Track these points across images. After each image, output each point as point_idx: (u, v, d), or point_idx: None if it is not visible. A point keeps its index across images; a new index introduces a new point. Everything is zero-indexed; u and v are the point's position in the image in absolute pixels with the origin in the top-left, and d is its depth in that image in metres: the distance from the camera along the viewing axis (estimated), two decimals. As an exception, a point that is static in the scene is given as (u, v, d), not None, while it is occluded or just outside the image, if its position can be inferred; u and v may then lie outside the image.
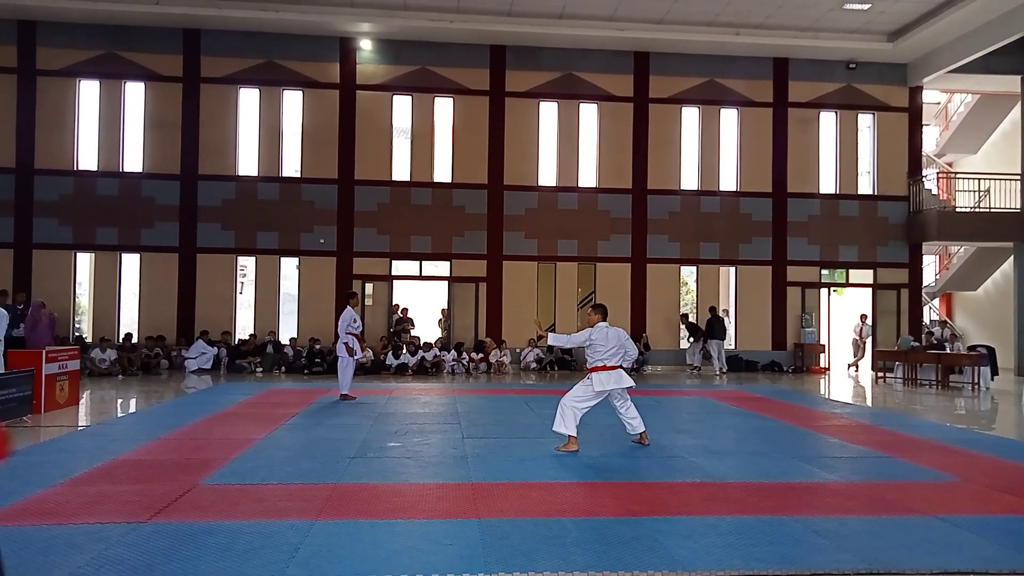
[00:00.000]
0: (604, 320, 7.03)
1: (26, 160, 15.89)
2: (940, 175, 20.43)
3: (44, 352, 9.27)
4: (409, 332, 16.53)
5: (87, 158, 16.27)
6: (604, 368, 6.83)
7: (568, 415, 6.74)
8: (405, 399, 10.99)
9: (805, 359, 17.45)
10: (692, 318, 17.48)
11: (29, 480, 5.51)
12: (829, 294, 18.42)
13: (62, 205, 15.96)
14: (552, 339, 7.07)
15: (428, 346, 16.09)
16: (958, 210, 18.46)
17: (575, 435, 6.75)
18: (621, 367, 6.93)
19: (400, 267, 17.12)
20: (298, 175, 16.78)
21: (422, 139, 17.05)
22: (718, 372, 16.50)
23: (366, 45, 16.69)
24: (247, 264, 17.15)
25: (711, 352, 16.69)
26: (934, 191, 18.84)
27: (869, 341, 18.12)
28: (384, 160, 16.88)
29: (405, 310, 16.94)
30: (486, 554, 4.01)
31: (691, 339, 17.02)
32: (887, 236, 17.95)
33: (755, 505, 5.12)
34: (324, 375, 14.43)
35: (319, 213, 16.60)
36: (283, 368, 15.51)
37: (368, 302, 16.91)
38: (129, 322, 16.26)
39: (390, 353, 15.71)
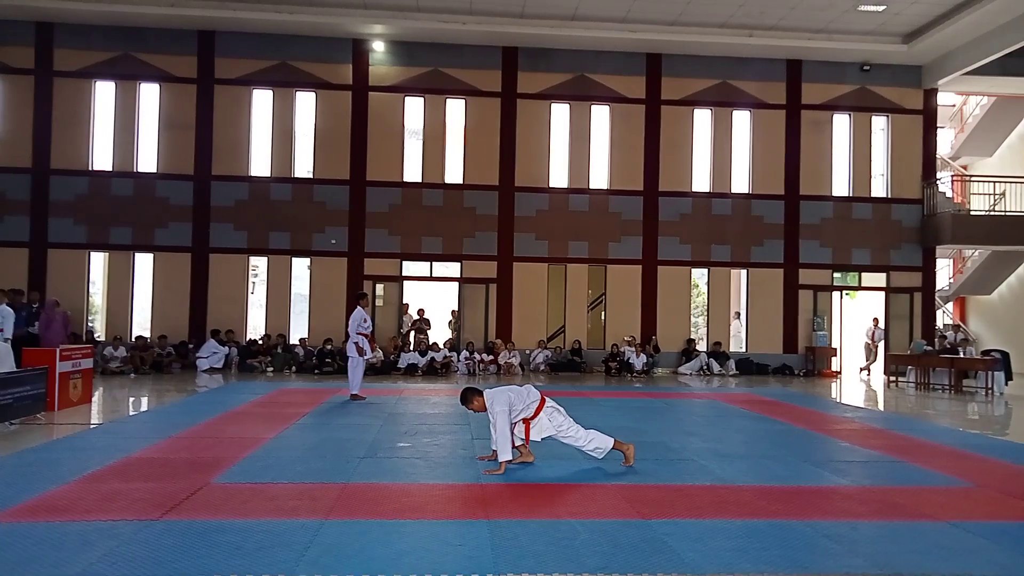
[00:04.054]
0: (481, 397, 6.22)
1: (42, 160, 16.05)
2: (955, 178, 20.28)
3: (58, 350, 9.35)
4: (426, 332, 16.60)
5: (102, 158, 16.42)
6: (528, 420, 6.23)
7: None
8: (415, 400, 11.01)
9: (817, 362, 17.34)
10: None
11: (42, 477, 5.56)
12: (841, 297, 18.30)
13: (77, 205, 16.11)
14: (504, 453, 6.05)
15: (437, 346, 16.14)
16: (973, 213, 18.32)
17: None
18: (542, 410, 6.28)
19: (411, 268, 17.16)
20: (310, 176, 16.86)
21: (434, 140, 17.09)
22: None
23: (378, 47, 16.76)
24: (259, 264, 17.25)
25: (701, 364, 16.78)
26: (948, 194, 18.70)
27: (881, 345, 17.99)
28: (396, 161, 16.93)
29: (422, 311, 16.99)
30: (495, 555, 4.01)
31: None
32: (900, 239, 17.82)
33: (765, 509, 5.10)
34: (334, 375, 14.48)
35: (331, 214, 16.67)
36: (294, 368, 15.58)
37: (379, 303, 16.97)
38: (142, 321, 16.39)
39: (400, 353, 15.76)
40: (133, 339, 15.49)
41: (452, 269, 17.31)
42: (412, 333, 16.88)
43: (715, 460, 6.73)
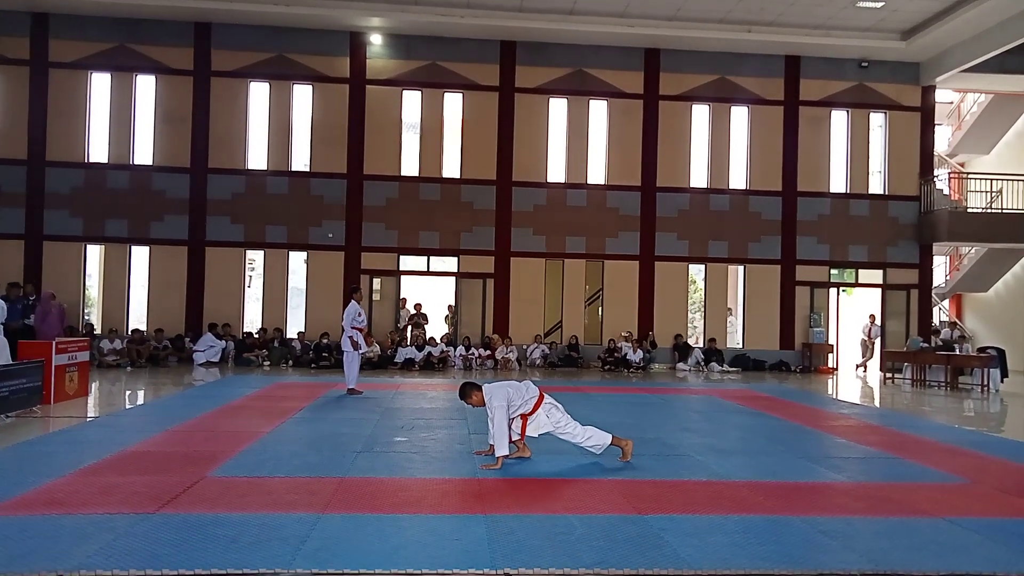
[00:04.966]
0: (480, 391, 6.25)
1: (38, 152, 15.98)
2: (952, 175, 20.28)
3: (54, 343, 9.33)
4: (423, 327, 16.59)
5: (98, 151, 16.35)
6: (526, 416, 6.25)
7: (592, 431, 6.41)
8: (411, 394, 11.01)
9: (813, 359, 17.37)
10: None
11: (39, 470, 5.55)
12: (838, 294, 18.33)
13: (73, 197, 16.04)
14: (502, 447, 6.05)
15: (435, 341, 16.13)
16: (969, 210, 18.33)
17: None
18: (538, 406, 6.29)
19: (408, 262, 17.13)
20: (307, 169, 16.82)
21: (431, 134, 17.05)
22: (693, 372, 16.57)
23: (376, 40, 16.70)
24: (255, 258, 17.21)
25: (697, 360, 16.78)
26: (945, 191, 18.71)
27: (878, 342, 18.02)
28: (393, 155, 16.89)
29: (419, 305, 16.97)
30: (492, 549, 4.01)
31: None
32: (897, 236, 17.84)
33: (761, 504, 5.11)
34: (331, 369, 14.47)
35: (328, 207, 16.63)
36: (290, 362, 15.57)
37: (376, 297, 16.95)
38: (138, 314, 16.36)
39: (397, 348, 15.75)
40: (129, 332, 15.46)
41: (449, 264, 17.29)
42: (409, 328, 16.87)
43: (711, 456, 6.74)
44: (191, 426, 7.72)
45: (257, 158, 16.73)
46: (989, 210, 18.37)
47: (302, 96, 16.83)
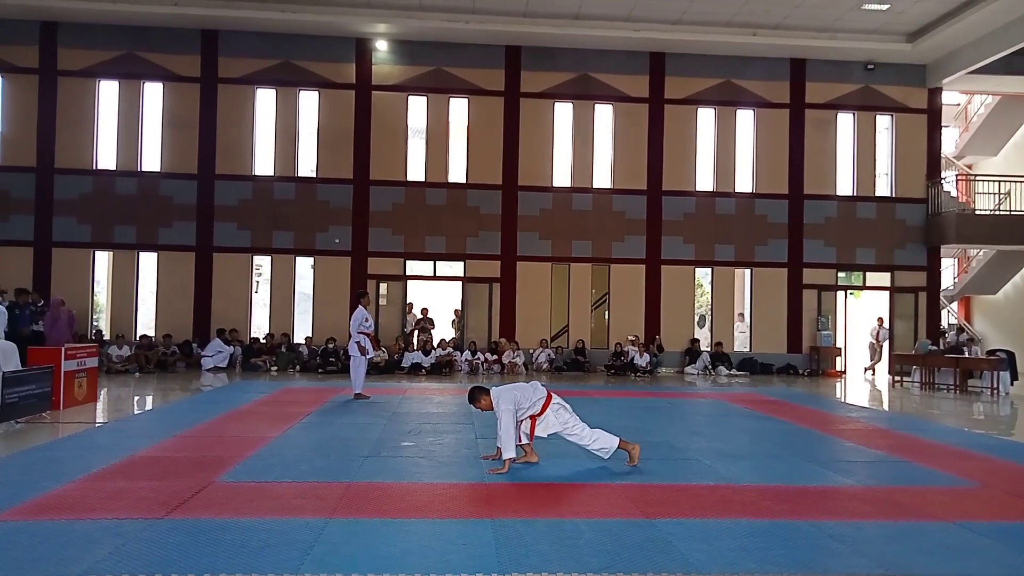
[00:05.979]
0: (488, 395, 6.19)
1: (46, 159, 16.09)
2: (959, 177, 20.22)
3: (63, 349, 9.37)
4: (429, 331, 16.60)
5: (106, 157, 16.46)
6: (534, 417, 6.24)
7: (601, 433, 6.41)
8: (419, 399, 11.02)
9: (821, 362, 17.30)
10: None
11: (48, 475, 5.57)
12: (846, 297, 18.26)
13: (81, 204, 16.14)
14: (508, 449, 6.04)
15: (444, 343, 16.15)
16: (977, 212, 18.26)
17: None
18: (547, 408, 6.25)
19: (414, 267, 17.16)
20: (314, 175, 16.88)
21: (437, 139, 17.09)
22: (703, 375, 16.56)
23: (382, 46, 16.76)
24: (263, 263, 17.28)
25: (704, 363, 16.79)
26: (953, 193, 18.65)
27: (886, 344, 17.94)
28: (399, 160, 16.93)
29: (425, 310, 16.98)
30: (499, 554, 4.01)
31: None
32: (905, 239, 17.77)
33: (770, 509, 5.09)
34: (338, 374, 14.48)
35: (334, 213, 16.68)
36: (297, 367, 15.60)
37: (383, 302, 16.98)
38: (146, 320, 16.43)
39: (404, 352, 15.77)
40: (138, 338, 15.53)
41: (456, 268, 17.31)
42: (416, 332, 16.88)
43: (719, 460, 6.72)
44: (199, 431, 7.74)
45: (264, 164, 16.80)
46: (997, 212, 18.30)
47: (308, 102, 16.90)
